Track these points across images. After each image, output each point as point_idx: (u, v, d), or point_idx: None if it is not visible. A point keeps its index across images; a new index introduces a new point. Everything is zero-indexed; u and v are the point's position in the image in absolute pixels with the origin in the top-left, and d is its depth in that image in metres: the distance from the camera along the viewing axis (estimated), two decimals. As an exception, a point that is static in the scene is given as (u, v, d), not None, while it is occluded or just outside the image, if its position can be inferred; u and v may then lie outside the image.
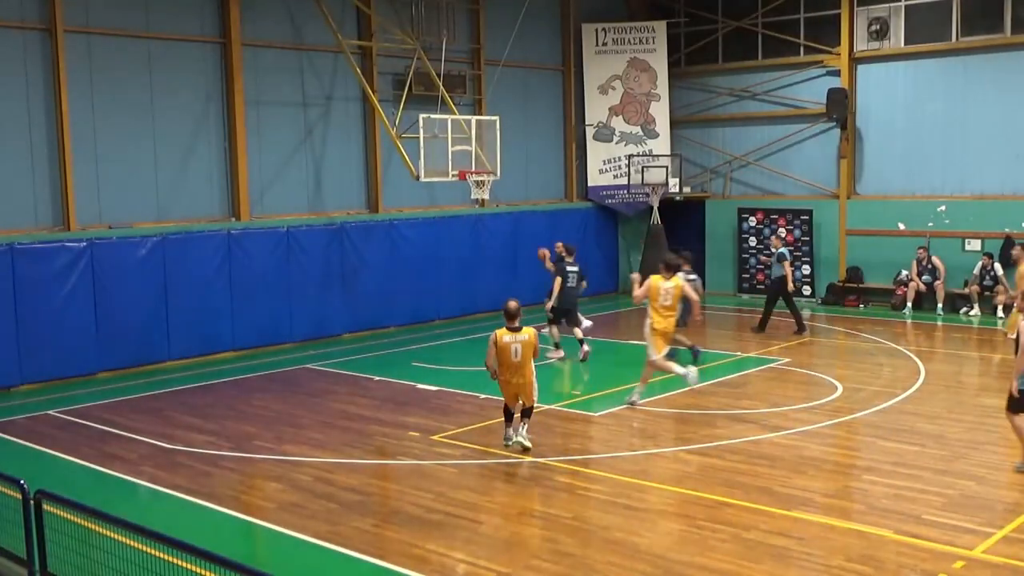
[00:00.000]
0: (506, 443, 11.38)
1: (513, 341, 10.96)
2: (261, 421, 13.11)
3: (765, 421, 12.49)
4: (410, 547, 8.53)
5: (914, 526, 8.74)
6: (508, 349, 10.94)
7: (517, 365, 10.97)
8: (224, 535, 9.12)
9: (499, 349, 10.97)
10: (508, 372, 11.03)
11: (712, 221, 24.78)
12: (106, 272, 16.00)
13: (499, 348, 10.97)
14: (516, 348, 10.94)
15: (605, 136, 24.89)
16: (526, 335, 11.00)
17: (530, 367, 11.10)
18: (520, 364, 10.98)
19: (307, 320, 18.78)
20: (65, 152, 15.97)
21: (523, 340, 10.97)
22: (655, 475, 10.61)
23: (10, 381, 15.09)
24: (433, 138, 17.88)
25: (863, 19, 22.16)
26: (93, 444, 12.08)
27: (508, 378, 11.07)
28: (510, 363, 10.97)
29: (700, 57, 24.92)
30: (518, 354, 10.94)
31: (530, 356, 11.04)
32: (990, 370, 16.43)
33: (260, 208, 18.68)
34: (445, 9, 20.46)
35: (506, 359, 10.96)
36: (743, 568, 7.92)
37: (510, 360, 10.95)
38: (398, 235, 20.07)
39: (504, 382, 11.17)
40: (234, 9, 17.85)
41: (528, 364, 11.05)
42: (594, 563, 8.09)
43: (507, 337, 10.99)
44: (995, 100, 20.70)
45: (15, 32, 15.55)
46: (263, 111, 18.62)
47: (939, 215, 21.40)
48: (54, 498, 7.41)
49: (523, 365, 11.00)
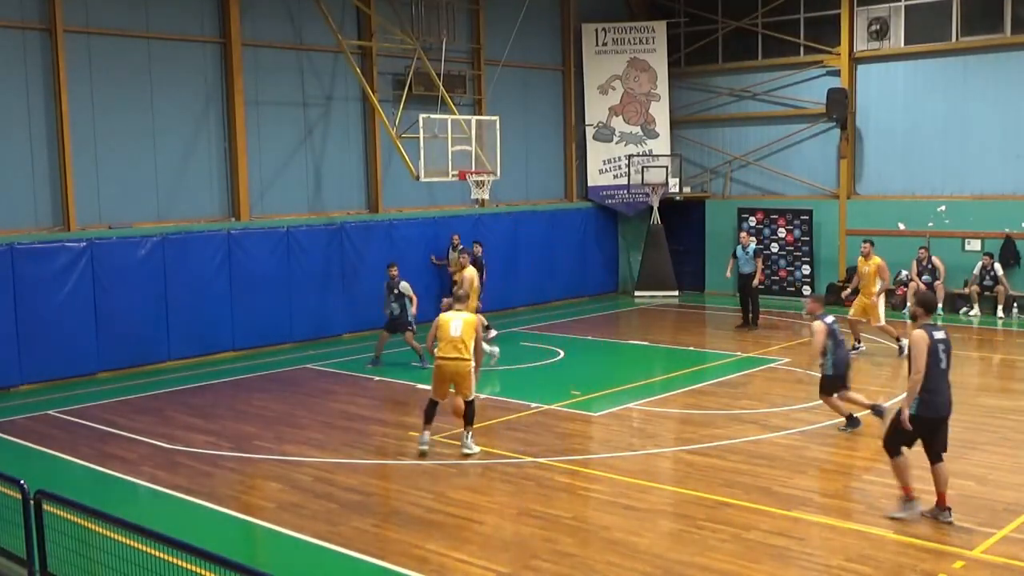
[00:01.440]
0: (421, 448, 11.19)
1: (455, 317, 11.13)
2: (261, 421, 13.11)
3: (765, 421, 12.49)
4: (410, 547, 8.54)
5: (914, 526, 8.74)
6: (448, 324, 11.05)
7: (456, 340, 10.95)
8: (224, 535, 9.11)
9: (440, 324, 11.12)
10: (446, 346, 10.99)
11: (712, 221, 24.78)
12: (106, 272, 16.00)
13: (440, 324, 11.12)
14: (456, 324, 11.02)
15: (605, 136, 24.89)
16: (468, 314, 11.27)
17: (470, 348, 11.00)
18: (459, 340, 10.94)
19: (307, 320, 18.77)
20: (65, 152, 15.97)
21: (464, 317, 11.14)
22: (655, 475, 10.61)
23: (10, 381, 15.09)
24: (433, 138, 17.88)
25: (863, 19, 22.16)
26: (93, 444, 12.08)
27: (445, 352, 10.98)
28: (449, 337, 10.99)
29: (700, 57, 24.92)
30: (458, 329, 10.98)
31: (471, 335, 11.01)
32: (990, 370, 16.44)
33: (260, 208, 18.68)
34: (445, 9, 20.47)
35: (445, 333, 11.03)
36: (743, 568, 7.92)
37: (449, 334, 10.99)
38: (398, 235, 20.06)
39: (439, 363, 11.04)
40: (234, 9, 17.85)
41: (467, 342, 10.97)
42: (594, 563, 8.09)
43: (450, 313, 11.23)
44: (995, 100, 20.70)
45: (15, 32, 15.55)
46: (263, 111, 18.61)
47: (939, 215, 21.40)
48: (54, 498, 7.40)
49: (462, 342, 10.94)
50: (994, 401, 13.53)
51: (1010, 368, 16.23)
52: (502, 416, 13.08)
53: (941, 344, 8.70)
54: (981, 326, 19.63)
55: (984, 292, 20.35)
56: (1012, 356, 17.00)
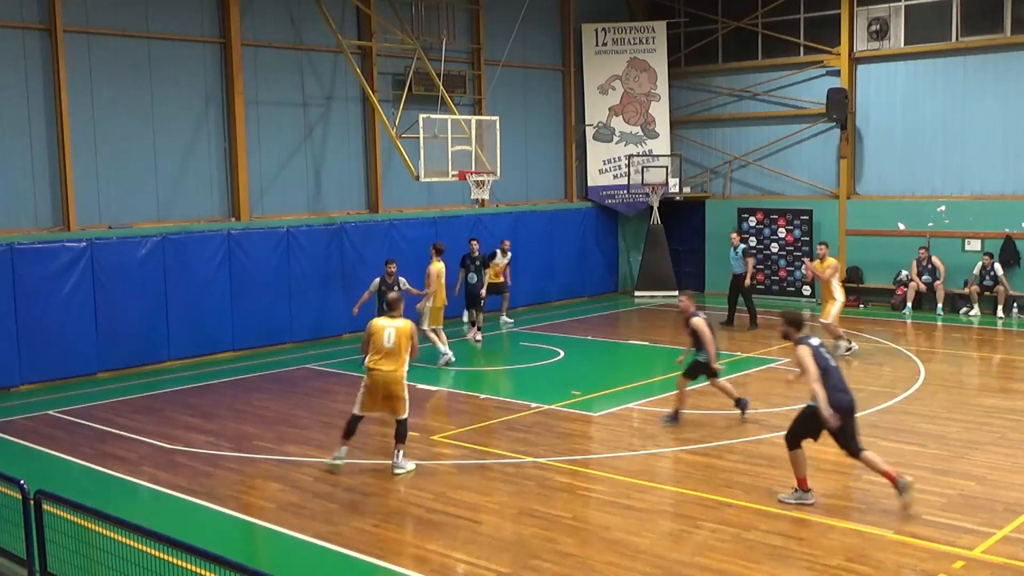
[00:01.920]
0: (334, 462, 10.69)
1: (388, 325, 10.70)
2: (261, 421, 13.11)
3: (765, 421, 12.49)
4: (410, 547, 8.54)
5: (914, 526, 8.75)
6: (382, 332, 10.63)
7: (389, 351, 10.57)
8: (224, 535, 9.11)
9: (373, 332, 10.68)
10: (378, 356, 10.59)
11: (712, 221, 24.78)
12: (106, 272, 16.00)
13: (373, 332, 10.68)
14: (389, 333, 10.60)
15: (605, 136, 24.89)
16: (402, 322, 10.72)
17: (403, 359, 10.64)
18: (392, 351, 10.56)
19: (307, 320, 18.78)
20: (65, 152, 15.97)
21: (398, 325, 10.65)
22: (655, 475, 10.62)
23: (10, 381, 15.09)
24: (433, 138, 17.88)
25: (863, 19, 22.16)
26: (93, 444, 12.08)
27: (377, 363, 10.57)
28: (382, 347, 10.59)
29: (700, 57, 24.92)
30: (391, 339, 10.57)
31: (405, 346, 10.59)
32: (990, 370, 16.44)
33: (260, 208, 18.68)
34: (445, 9, 20.47)
35: (378, 342, 10.61)
36: (743, 568, 7.92)
37: (382, 344, 10.59)
38: (398, 235, 20.06)
39: (371, 376, 10.63)
40: (234, 9, 17.85)
41: (402, 354, 10.61)
42: (594, 563, 8.09)
43: (383, 321, 10.78)
44: (995, 100, 20.70)
45: (15, 32, 15.55)
46: (263, 111, 18.62)
47: (939, 215, 21.40)
48: (54, 498, 7.41)
49: (396, 353, 10.58)
50: (994, 401, 13.53)
51: (1010, 368, 16.23)
52: (502, 416, 13.09)
53: (822, 348, 9.32)
54: (981, 326, 19.63)
55: (984, 292, 20.35)
56: (1012, 356, 17.00)
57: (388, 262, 16.45)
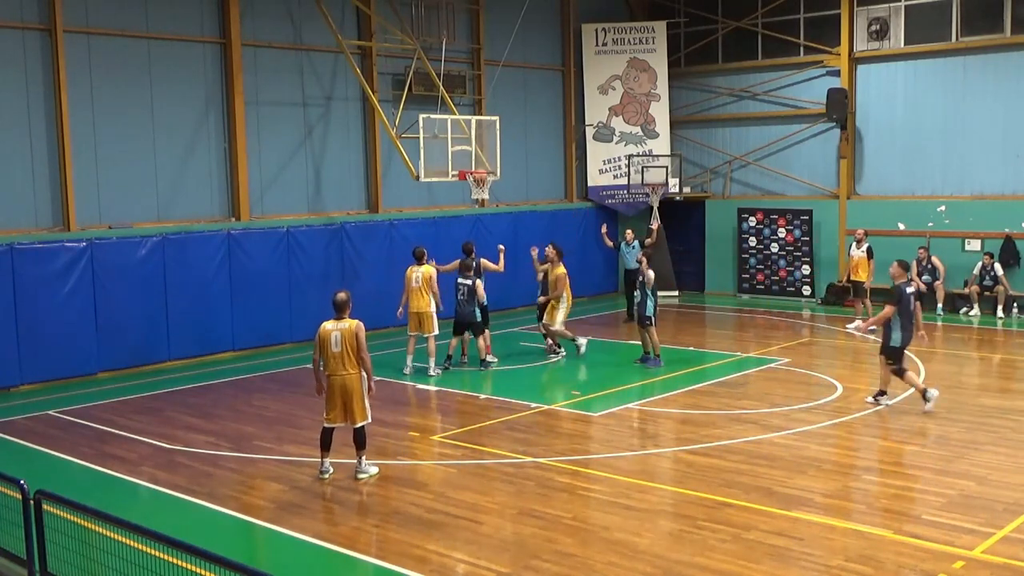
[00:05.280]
0: (321, 475, 10.55)
1: (334, 329, 10.34)
2: (261, 421, 13.11)
3: (765, 421, 12.49)
4: (410, 547, 8.53)
5: (914, 526, 8.75)
6: (328, 338, 10.32)
7: (338, 356, 10.33)
8: (224, 535, 9.11)
9: (319, 340, 10.38)
10: (332, 364, 10.40)
11: (712, 221, 24.78)
12: (106, 272, 16.00)
13: (319, 339, 10.38)
14: (336, 336, 10.30)
15: (605, 136, 24.89)
16: (347, 323, 10.37)
17: (355, 360, 10.34)
18: (341, 355, 10.33)
19: (307, 320, 18.69)
20: (65, 152, 15.97)
21: (343, 328, 10.32)
22: (655, 475, 10.61)
23: (10, 381, 15.08)
24: (433, 138, 17.88)
25: (863, 19, 22.16)
26: (93, 444, 12.08)
27: (333, 370, 10.38)
28: (331, 354, 10.37)
29: (700, 57, 24.92)
30: (338, 343, 10.32)
31: (353, 345, 10.30)
32: (990, 370, 16.44)
33: (260, 208, 18.68)
34: (445, 9, 20.47)
35: (327, 350, 10.39)
36: (743, 568, 7.92)
37: (331, 350, 10.36)
38: (398, 235, 20.06)
39: (330, 381, 10.39)
40: (234, 9, 17.85)
41: (351, 356, 10.32)
42: (594, 563, 8.08)
43: (329, 325, 10.46)
44: (995, 100, 20.69)
45: (15, 32, 15.54)
46: (263, 111, 18.62)
47: (939, 215, 21.40)
48: (54, 498, 7.41)
49: (345, 357, 10.34)
50: (994, 401, 13.53)
51: (1010, 368, 16.23)
52: (502, 416, 13.09)
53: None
54: (981, 326, 19.63)
55: (984, 292, 20.35)
56: (1012, 356, 16.99)
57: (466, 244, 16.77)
